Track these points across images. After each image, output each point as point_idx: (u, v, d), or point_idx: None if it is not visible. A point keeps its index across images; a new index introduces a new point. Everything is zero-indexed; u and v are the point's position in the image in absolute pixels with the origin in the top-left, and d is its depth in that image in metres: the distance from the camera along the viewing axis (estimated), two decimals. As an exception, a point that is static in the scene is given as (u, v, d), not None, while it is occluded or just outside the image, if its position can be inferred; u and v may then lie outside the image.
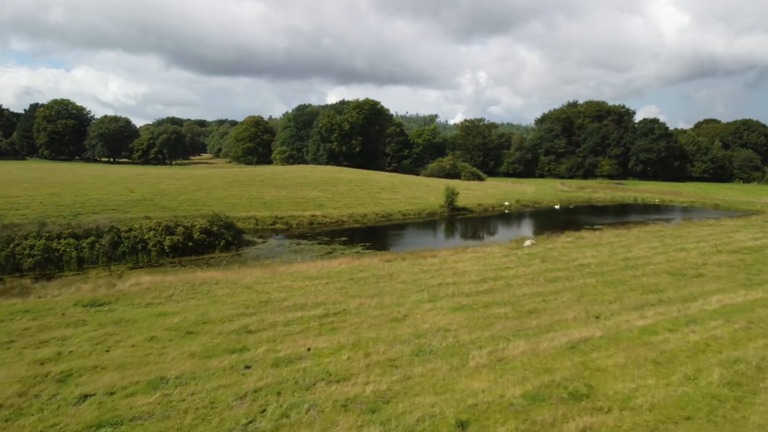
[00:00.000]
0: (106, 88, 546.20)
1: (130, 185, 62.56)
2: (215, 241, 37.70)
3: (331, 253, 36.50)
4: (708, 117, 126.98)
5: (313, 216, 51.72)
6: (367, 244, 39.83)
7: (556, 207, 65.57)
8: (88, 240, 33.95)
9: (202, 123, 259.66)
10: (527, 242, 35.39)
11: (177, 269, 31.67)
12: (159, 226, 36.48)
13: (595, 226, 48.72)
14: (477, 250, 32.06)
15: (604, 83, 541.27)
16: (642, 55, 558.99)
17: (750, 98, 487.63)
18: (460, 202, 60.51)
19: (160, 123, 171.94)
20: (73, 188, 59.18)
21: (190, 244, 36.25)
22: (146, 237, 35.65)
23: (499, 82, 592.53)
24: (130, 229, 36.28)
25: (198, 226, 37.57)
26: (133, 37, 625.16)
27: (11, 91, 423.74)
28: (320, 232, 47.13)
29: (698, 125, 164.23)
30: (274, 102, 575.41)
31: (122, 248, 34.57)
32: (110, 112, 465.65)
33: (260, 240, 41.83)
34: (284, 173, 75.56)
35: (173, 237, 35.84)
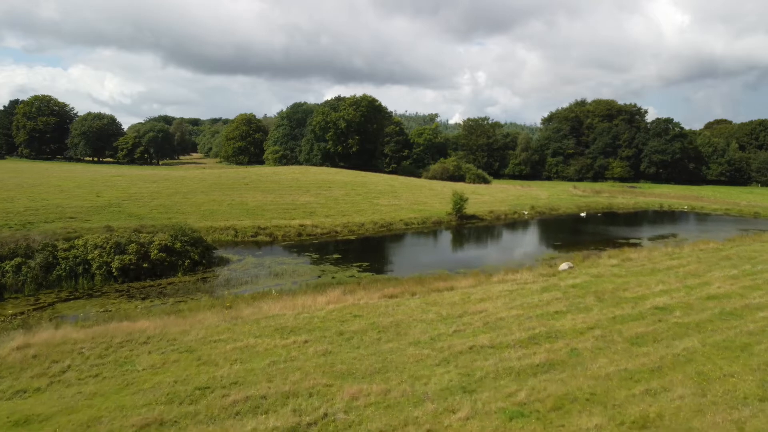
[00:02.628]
0: (103, 87, 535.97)
1: (98, 188, 55.55)
2: (178, 260, 30.71)
3: (319, 277, 29.56)
4: (706, 119, 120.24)
5: (302, 226, 44.74)
6: (364, 263, 32.88)
7: (582, 215, 58.67)
8: (12, 262, 26.91)
9: (195, 121, 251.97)
10: (563, 265, 28.50)
11: (120, 301, 24.77)
12: (107, 243, 29.46)
13: (631, 240, 41.95)
14: (504, 278, 25.14)
15: (603, 84, 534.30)
16: (642, 55, 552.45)
17: (750, 100, 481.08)
18: (469, 208, 53.64)
19: (150, 121, 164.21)
20: (32, 192, 52.08)
21: (145, 265, 29.26)
22: (90, 257, 28.64)
23: (497, 82, 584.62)
24: (71, 247, 29.25)
25: (157, 243, 30.57)
26: (129, 35, 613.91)
27: (7, 90, 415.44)
28: (310, 245, 40.23)
29: (709, 126, 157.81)
30: (271, 101, 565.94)
31: (58, 271, 27.55)
32: (106, 111, 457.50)
33: (236, 257, 34.86)
34: (273, 175, 68.56)
35: (124, 257, 28.83)
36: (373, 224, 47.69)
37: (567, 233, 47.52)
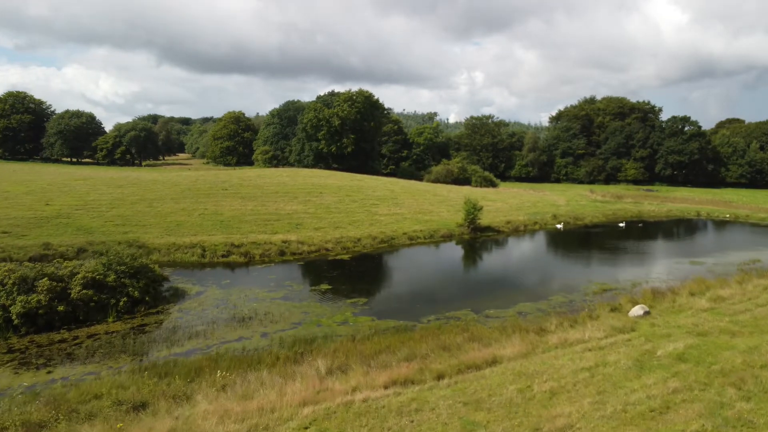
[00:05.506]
0: (97, 86, 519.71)
1: (51, 195, 47.51)
2: (110, 299, 22.74)
3: (300, 324, 21.60)
4: (705, 118, 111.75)
5: (285, 242, 36.85)
6: (361, 299, 25.01)
7: (621, 225, 50.81)
8: None
9: (186, 121, 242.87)
10: (636, 309, 20.74)
11: (4, 370, 16.80)
12: (9, 278, 21.43)
13: (694, 260, 34.21)
14: (565, 336, 17.34)
15: (601, 84, 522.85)
16: (640, 54, 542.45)
17: (749, 100, 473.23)
18: (483, 218, 45.76)
19: (135, 120, 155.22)
20: (-32, 200, 44.11)
21: (61, 308, 21.31)
22: (-18, 298, 20.62)
23: (495, 82, 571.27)
24: (-43, 284, 21.25)
25: (81, 276, 22.56)
26: (122, 33, 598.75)
27: (0, 89, 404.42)
28: (294, 267, 32.37)
29: (721, 125, 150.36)
30: (267, 101, 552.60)
31: (-69, 321, 19.56)
32: (99, 111, 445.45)
33: (196, 288, 26.93)
34: (257, 178, 60.54)
35: (30, 297, 20.88)
36: (371, 239, 39.83)
37: (609, 251, 39.48)
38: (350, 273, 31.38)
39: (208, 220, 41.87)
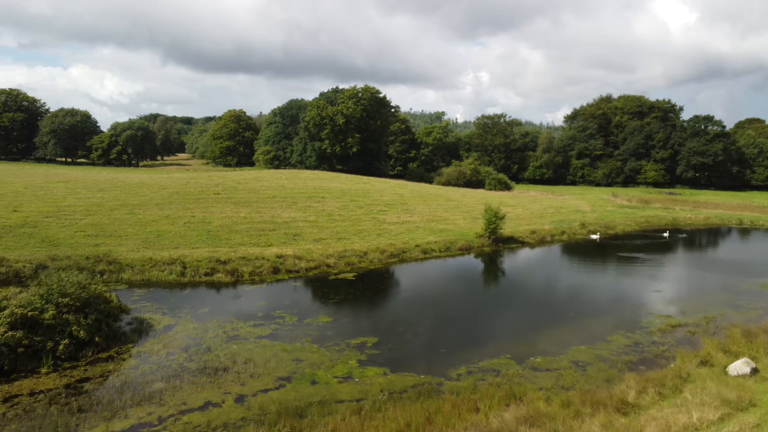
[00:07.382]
0: (102, 86, 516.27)
1: (21, 200, 42.58)
2: (47, 342, 17.59)
3: (286, 382, 16.41)
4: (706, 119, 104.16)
5: (279, 257, 31.72)
6: (370, 339, 19.78)
7: (665, 235, 45.43)
8: None
9: (188, 120, 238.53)
10: (739, 366, 15.49)
11: None
12: None
13: (765, 282, 28.84)
14: (666, 421, 12.17)
15: (607, 84, 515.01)
16: (647, 55, 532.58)
17: (757, 100, 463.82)
18: (503, 227, 40.39)
19: (138, 119, 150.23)
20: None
21: (-24, 356, 16.17)
22: None
23: (500, 83, 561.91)
24: None
25: (8, 313, 17.44)
26: (125, 31, 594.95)
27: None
28: (290, 288, 27.21)
29: (740, 125, 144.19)
30: (271, 101, 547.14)
31: None
32: (105, 111, 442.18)
33: (165, 320, 21.81)
34: (254, 181, 55.44)
35: (-66, 344, 15.73)
36: (379, 252, 34.66)
37: (656, 267, 34.09)
38: (355, 298, 26.20)
39: (193, 229, 36.80)
